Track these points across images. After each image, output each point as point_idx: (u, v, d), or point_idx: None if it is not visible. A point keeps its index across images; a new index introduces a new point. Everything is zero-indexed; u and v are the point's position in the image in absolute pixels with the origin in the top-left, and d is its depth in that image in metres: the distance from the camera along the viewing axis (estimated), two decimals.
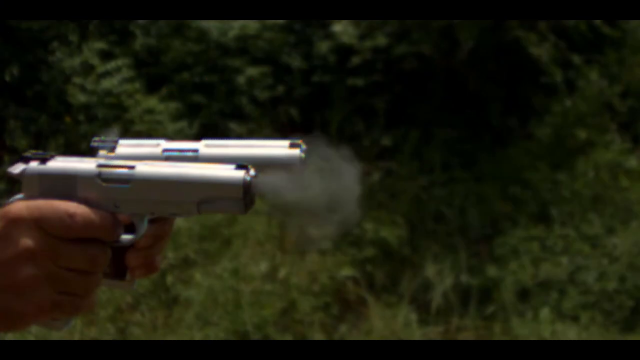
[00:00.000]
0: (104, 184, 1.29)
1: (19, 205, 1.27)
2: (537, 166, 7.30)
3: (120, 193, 1.29)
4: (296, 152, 1.40)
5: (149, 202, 1.30)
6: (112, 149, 1.42)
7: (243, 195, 1.29)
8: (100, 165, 1.30)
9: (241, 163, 1.31)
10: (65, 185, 1.29)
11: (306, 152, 1.40)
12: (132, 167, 1.30)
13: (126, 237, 1.33)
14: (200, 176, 1.29)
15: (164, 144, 1.43)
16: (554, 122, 7.62)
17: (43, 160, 1.31)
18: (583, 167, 7.25)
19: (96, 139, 1.43)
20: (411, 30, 7.71)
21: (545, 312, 6.07)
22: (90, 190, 1.29)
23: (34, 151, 1.33)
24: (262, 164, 1.37)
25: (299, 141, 1.41)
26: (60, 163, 1.30)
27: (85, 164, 1.30)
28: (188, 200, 1.30)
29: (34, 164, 1.31)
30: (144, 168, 1.30)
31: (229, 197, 1.29)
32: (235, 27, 7.98)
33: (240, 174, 1.29)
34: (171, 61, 7.96)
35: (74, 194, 1.28)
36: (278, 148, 1.41)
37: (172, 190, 1.29)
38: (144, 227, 1.34)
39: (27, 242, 1.25)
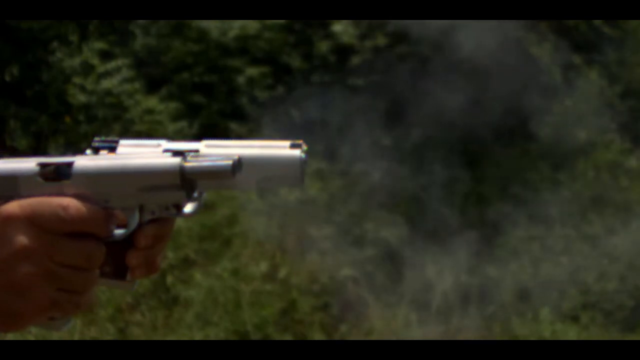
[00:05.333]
0: (44, 182, 1.29)
1: (12, 204, 1.27)
2: (537, 166, 7.30)
3: (65, 189, 1.29)
4: (296, 152, 1.40)
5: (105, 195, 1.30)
6: (113, 149, 1.42)
7: (181, 182, 1.28)
8: (39, 164, 1.30)
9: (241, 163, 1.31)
10: (7, 186, 1.29)
11: (307, 152, 1.40)
12: (70, 163, 1.30)
13: (119, 231, 1.33)
14: (136, 166, 1.29)
15: (165, 144, 1.42)
16: (554, 122, 7.62)
17: None
18: (583, 168, 7.25)
19: (96, 139, 1.43)
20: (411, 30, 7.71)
21: (545, 312, 6.07)
22: (33, 189, 1.28)
23: None
24: (263, 164, 1.37)
25: (299, 141, 1.41)
26: (1, 164, 1.30)
27: (24, 164, 1.29)
28: (129, 191, 1.29)
29: None
30: (82, 162, 1.30)
31: (168, 185, 1.28)
32: (235, 27, 7.98)
33: (176, 160, 1.28)
34: (171, 61, 7.96)
35: (16, 194, 1.28)
36: (278, 148, 1.41)
37: (112, 182, 1.29)
38: (135, 221, 1.33)
39: (22, 240, 1.25)
